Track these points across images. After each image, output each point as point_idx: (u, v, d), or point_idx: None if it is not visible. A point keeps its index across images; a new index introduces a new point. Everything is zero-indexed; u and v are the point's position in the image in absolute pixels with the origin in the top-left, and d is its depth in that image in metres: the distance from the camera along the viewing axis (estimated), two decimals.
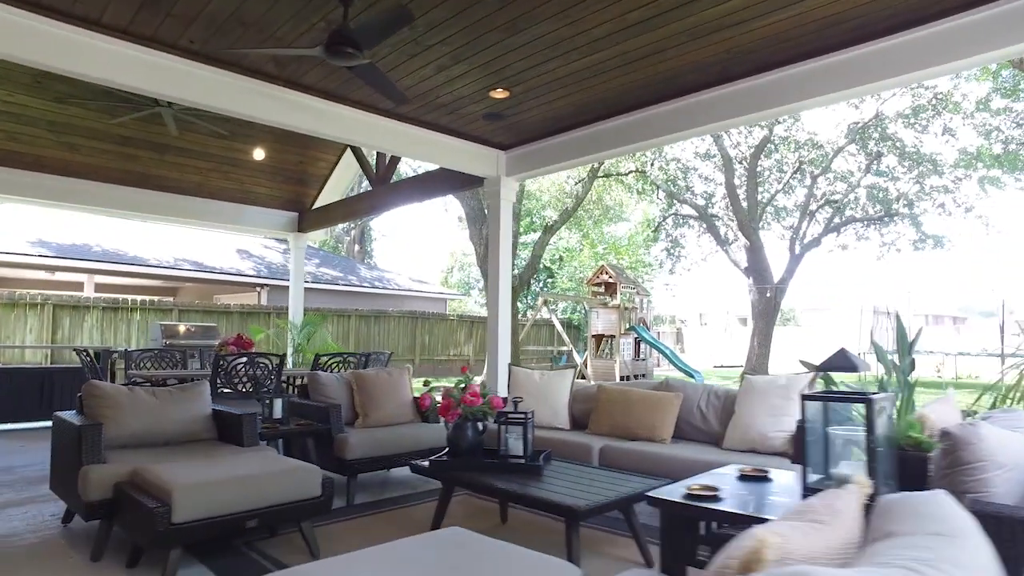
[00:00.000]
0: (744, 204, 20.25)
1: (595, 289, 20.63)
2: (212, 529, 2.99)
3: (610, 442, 4.41)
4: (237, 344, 6.48)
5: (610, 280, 20.21)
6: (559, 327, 18.53)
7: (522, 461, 3.62)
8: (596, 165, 15.77)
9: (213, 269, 16.69)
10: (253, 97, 5.19)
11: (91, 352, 5.74)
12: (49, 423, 8.06)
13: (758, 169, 20.83)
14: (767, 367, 20.14)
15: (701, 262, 31.76)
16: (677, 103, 5.50)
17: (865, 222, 20.65)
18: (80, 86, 6.99)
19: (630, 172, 22.41)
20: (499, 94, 5.47)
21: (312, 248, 24.91)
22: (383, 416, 5.02)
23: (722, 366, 25.79)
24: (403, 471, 5.20)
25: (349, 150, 9.32)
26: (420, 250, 42.73)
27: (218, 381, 5.64)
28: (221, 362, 5.61)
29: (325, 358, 6.37)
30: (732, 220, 22.46)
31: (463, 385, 3.89)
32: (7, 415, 7.37)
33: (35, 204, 8.55)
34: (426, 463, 3.75)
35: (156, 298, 14.94)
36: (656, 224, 24.94)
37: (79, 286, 15.60)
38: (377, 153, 8.74)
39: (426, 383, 4.19)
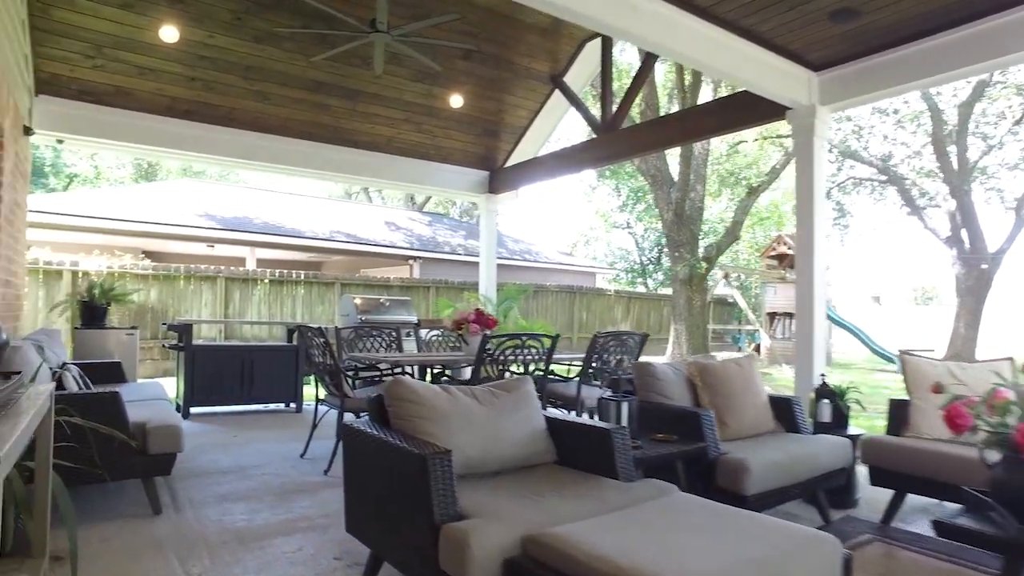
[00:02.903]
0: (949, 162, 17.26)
1: (769, 262, 18.42)
2: None
3: None
4: (479, 321, 5.22)
5: (789, 251, 17.91)
6: (743, 303, 16.55)
7: None
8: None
9: (367, 241, 16.01)
10: None
11: (323, 330, 4.63)
12: (251, 407, 7.40)
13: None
14: (974, 353, 17.22)
15: (871, 231, 28.43)
16: None
17: None
18: (280, 22, 6.04)
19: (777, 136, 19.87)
20: None
21: (453, 219, 24.06)
22: (745, 425, 3.55)
23: (911, 352, 22.66)
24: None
25: (557, 93, 7.91)
26: (542, 224, 41.14)
27: (484, 370, 4.39)
28: (488, 345, 4.35)
29: (603, 339, 4.97)
30: (922, 181, 19.49)
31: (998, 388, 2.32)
32: (209, 398, 6.57)
33: (223, 163, 7.77)
34: None
35: (313, 272, 14.39)
36: (827, 190, 22.12)
37: (240, 261, 15.33)
38: (603, 96, 7.25)
39: (938, 388, 2.63)
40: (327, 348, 4.52)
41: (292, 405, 7.15)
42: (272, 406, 7.25)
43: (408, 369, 5.21)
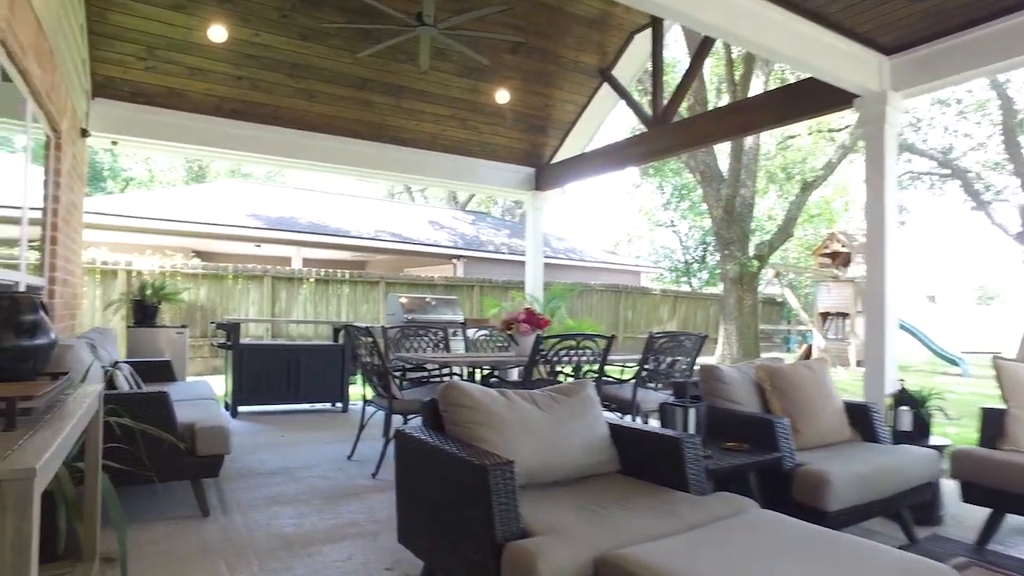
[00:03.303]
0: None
1: (822, 260, 17.80)
2: None
3: None
4: (530, 321, 5.06)
5: (842, 249, 17.27)
6: (794, 303, 16.00)
7: None
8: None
9: (412, 240, 16.02)
10: None
11: (371, 330, 4.53)
12: (298, 407, 7.22)
13: None
14: None
15: (929, 228, 27.38)
16: None
17: None
18: (326, 18, 6.00)
19: (846, 127, 19.18)
20: None
21: (497, 218, 24.02)
22: (819, 433, 3.30)
23: (973, 352, 21.70)
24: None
25: (606, 86, 7.71)
26: (584, 223, 40.70)
27: (535, 371, 4.23)
28: (541, 346, 4.18)
29: (660, 339, 4.76)
30: (988, 174, 18.58)
31: None
32: (256, 397, 6.57)
33: (269, 162, 7.79)
34: None
35: (358, 271, 14.45)
36: None
37: (286, 260, 15.51)
38: (654, 88, 7.01)
39: None
40: (375, 348, 4.42)
41: (338, 405, 7.12)
42: (319, 405, 7.23)
43: (456, 370, 5.09)
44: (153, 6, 5.60)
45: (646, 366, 4.77)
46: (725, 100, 14.26)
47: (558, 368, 4.57)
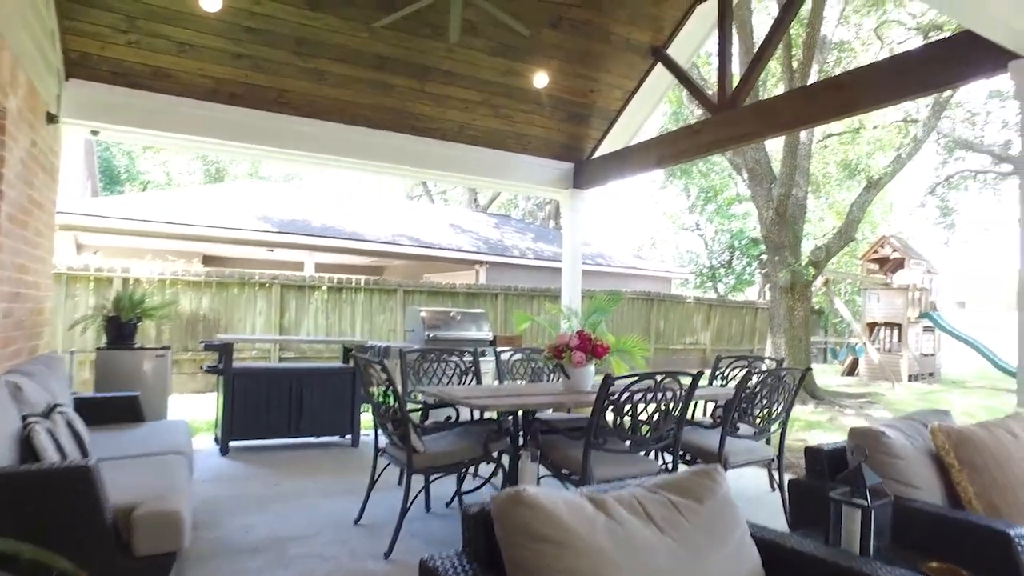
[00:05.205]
0: None
1: (870, 266, 16.58)
2: None
3: None
4: (583, 347, 4.04)
5: (894, 254, 16.06)
6: (846, 313, 14.81)
7: None
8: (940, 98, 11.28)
9: (432, 245, 15.05)
10: None
11: (385, 361, 3.52)
12: (300, 440, 5.83)
13: None
14: None
15: (983, 232, 26.12)
16: None
17: None
18: None
19: (892, 123, 17.94)
20: None
21: (520, 221, 23.03)
22: None
23: None
24: None
25: (658, 68, 6.68)
26: (605, 226, 39.36)
27: (600, 422, 3.19)
28: (612, 388, 3.14)
29: (760, 376, 3.67)
30: None
31: None
32: (251, 429, 5.58)
33: (273, 155, 6.83)
34: None
35: (374, 278, 13.51)
36: (933, 186, 19.91)
37: (299, 266, 14.62)
38: (721, 67, 5.94)
39: None
40: (390, 387, 3.40)
41: (348, 437, 6.11)
42: (325, 438, 6.21)
43: (489, 414, 4.07)
44: None
45: (738, 409, 3.70)
46: (771, 94, 13.09)
47: (625, 409, 3.52)
